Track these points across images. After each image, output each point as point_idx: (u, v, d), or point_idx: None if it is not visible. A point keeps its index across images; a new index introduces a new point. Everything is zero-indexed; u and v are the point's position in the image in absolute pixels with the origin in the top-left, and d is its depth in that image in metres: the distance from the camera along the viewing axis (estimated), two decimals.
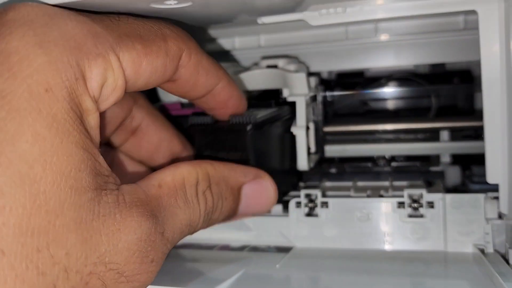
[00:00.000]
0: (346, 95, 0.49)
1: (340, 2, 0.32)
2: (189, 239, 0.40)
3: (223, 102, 0.31)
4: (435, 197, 0.35)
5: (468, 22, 0.40)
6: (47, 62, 0.20)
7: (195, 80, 0.28)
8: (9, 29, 0.21)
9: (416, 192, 0.36)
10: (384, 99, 0.51)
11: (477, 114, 0.48)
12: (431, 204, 0.35)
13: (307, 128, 0.39)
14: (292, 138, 0.38)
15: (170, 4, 0.26)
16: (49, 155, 0.19)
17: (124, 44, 0.23)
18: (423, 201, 0.35)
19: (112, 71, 0.23)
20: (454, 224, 0.35)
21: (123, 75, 0.23)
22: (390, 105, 0.52)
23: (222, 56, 0.47)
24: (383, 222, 0.36)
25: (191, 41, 0.28)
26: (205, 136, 0.32)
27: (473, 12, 0.31)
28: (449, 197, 0.35)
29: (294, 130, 0.37)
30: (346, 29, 0.42)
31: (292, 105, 0.38)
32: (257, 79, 0.40)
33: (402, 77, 0.48)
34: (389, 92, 0.48)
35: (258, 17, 0.35)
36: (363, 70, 0.55)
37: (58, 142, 0.19)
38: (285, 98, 0.39)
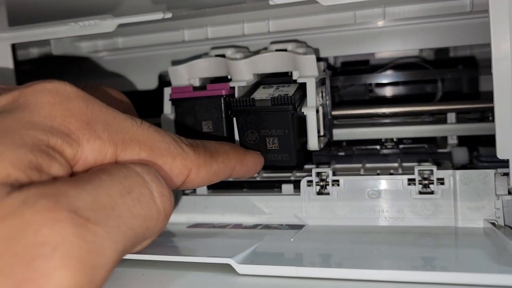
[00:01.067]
0: (353, 80, 0.49)
1: None
2: (202, 220, 0.41)
3: (242, 175, 0.33)
4: (445, 173, 0.36)
5: (475, 5, 0.40)
6: None
7: (208, 182, 0.29)
8: None
9: (426, 168, 0.36)
10: (390, 84, 0.52)
11: (483, 97, 0.49)
12: (441, 181, 0.36)
13: (317, 110, 0.40)
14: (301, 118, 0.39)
15: None
16: None
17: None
18: (434, 178, 0.36)
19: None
20: (464, 200, 0.35)
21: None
22: (396, 90, 0.53)
23: (231, 42, 0.47)
24: (394, 199, 0.37)
25: (199, 158, 0.27)
26: (247, 116, 0.36)
27: None
28: (459, 173, 0.36)
29: (305, 110, 0.38)
30: (354, 13, 0.43)
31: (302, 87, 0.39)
32: (267, 62, 0.40)
33: (408, 62, 0.49)
34: (395, 76, 0.49)
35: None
36: (368, 58, 0.56)
37: None
38: (295, 80, 0.40)
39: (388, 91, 0.54)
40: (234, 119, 0.38)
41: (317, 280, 0.26)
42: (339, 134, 0.46)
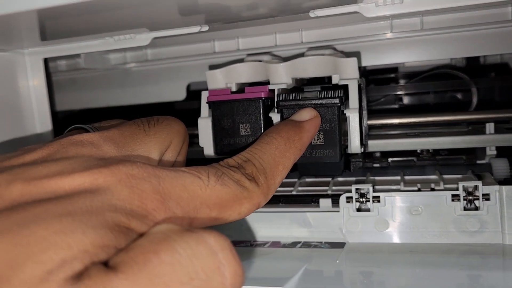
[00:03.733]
0: (387, 90, 0.49)
1: None
2: (237, 237, 0.40)
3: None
4: (491, 189, 0.35)
5: None
6: None
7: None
8: None
9: (471, 184, 0.35)
10: (420, 93, 0.51)
11: None
12: (486, 196, 0.35)
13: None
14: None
15: None
16: None
17: None
18: (479, 194, 0.35)
19: None
20: None
21: None
22: (426, 99, 0.52)
23: (263, 53, 0.46)
24: (437, 216, 0.36)
25: (263, 188, 0.27)
26: (293, 111, 0.36)
27: None
28: (507, 188, 0.35)
29: (347, 112, 0.37)
30: (391, 22, 0.42)
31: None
32: (307, 66, 0.40)
33: (443, 72, 0.48)
34: (431, 86, 0.48)
35: (311, 11, 0.35)
36: (397, 66, 0.55)
37: None
38: (334, 85, 0.39)
39: (418, 100, 0.53)
40: (279, 114, 0.37)
41: None
42: (373, 145, 0.45)
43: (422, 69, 0.52)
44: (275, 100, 0.38)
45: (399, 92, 0.49)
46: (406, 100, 0.52)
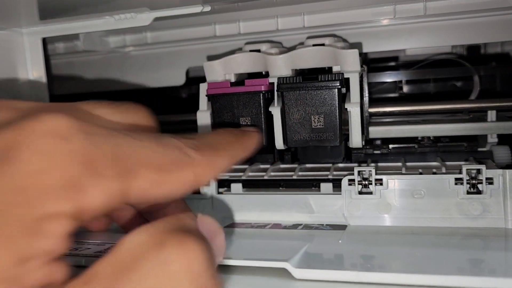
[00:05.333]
0: (388, 76, 0.48)
1: None
2: (238, 219, 0.40)
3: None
4: (495, 173, 0.35)
5: None
6: None
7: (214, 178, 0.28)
8: None
9: (474, 168, 0.35)
10: (421, 81, 0.51)
11: None
12: (490, 180, 0.35)
13: None
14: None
15: None
16: None
17: None
18: (482, 177, 0.35)
19: None
20: None
21: None
22: (427, 87, 0.52)
23: (264, 37, 0.46)
24: (440, 199, 0.36)
25: (204, 159, 0.25)
26: (294, 93, 0.37)
27: None
28: (510, 172, 0.34)
29: (348, 106, 0.36)
30: (394, 7, 0.42)
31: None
32: (307, 57, 0.39)
33: (445, 59, 0.48)
34: (432, 73, 0.48)
35: None
36: (398, 54, 0.55)
37: None
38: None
39: (418, 88, 0.53)
40: (279, 107, 0.37)
41: (374, 286, 0.25)
42: (375, 132, 0.45)
43: (423, 57, 0.52)
44: (276, 83, 0.38)
45: (400, 78, 0.49)
46: (406, 88, 0.52)
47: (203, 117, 0.39)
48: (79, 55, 0.52)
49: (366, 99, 0.42)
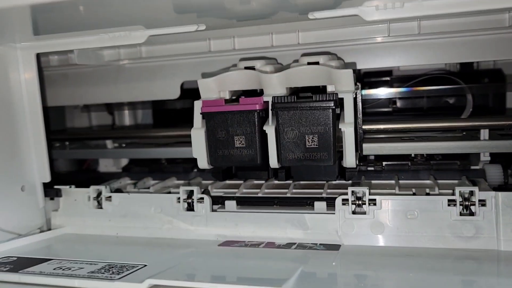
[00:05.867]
0: (382, 93, 0.48)
1: None
2: (232, 236, 0.40)
3: None
4: (487, 195, 0.35)
5: None
6: None
7: None
8: None
9: (467, 190, 0.35)
10: (414, 97, 0.51)
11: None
12: (483, 202, 0.35)
13: None
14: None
15: None
16: None
17: None
18: (475, 199, 0.35)
19: None
20: (508, 223, 0.34)
21: None
22: (420, 103, 0.52)
23: (258, 53, 0.46)
24: (433, 220, 0.36)
25: None
26: (289, 113, 0.37)
27: None
28: (503, 195, 0.35)
29: (342, 126, 0.37)
30: (388, 26, 0.42)
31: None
32: (301, 76, 0.39)
33: (439, 75, 0.48)
34: (426, 91, 0.48)
35: (310, 13, 0.34)
36: (391, 69, 0.55)
37: None
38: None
39: (412, 103, 0.53)
40: (273, 126, 0.37)
41: None
42: (368, 148, 0.45)
43: (418, 72, 0.52)
44: (270, 102, 0.38)
45: (395, 97, 0.49)
46: (400, 102, 0.52)
47: (198, 134, 0.39)
48: (73, 67, 0.52)
49: (360, 116, 0.43)
